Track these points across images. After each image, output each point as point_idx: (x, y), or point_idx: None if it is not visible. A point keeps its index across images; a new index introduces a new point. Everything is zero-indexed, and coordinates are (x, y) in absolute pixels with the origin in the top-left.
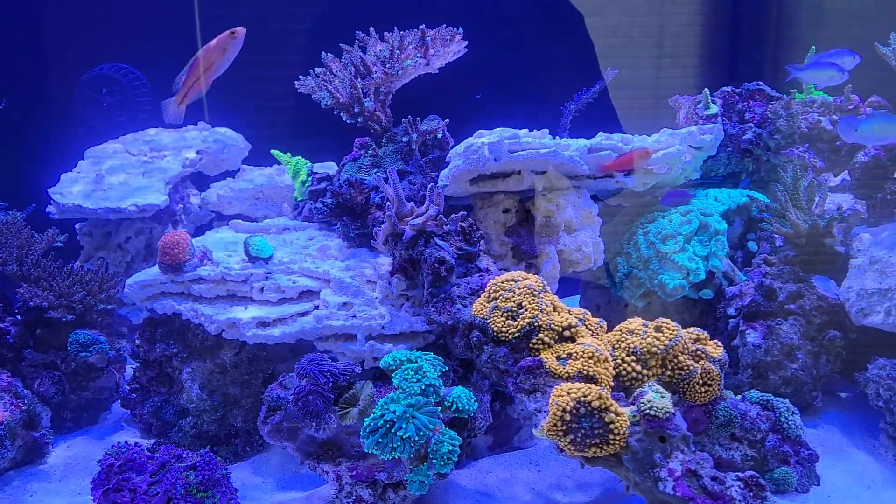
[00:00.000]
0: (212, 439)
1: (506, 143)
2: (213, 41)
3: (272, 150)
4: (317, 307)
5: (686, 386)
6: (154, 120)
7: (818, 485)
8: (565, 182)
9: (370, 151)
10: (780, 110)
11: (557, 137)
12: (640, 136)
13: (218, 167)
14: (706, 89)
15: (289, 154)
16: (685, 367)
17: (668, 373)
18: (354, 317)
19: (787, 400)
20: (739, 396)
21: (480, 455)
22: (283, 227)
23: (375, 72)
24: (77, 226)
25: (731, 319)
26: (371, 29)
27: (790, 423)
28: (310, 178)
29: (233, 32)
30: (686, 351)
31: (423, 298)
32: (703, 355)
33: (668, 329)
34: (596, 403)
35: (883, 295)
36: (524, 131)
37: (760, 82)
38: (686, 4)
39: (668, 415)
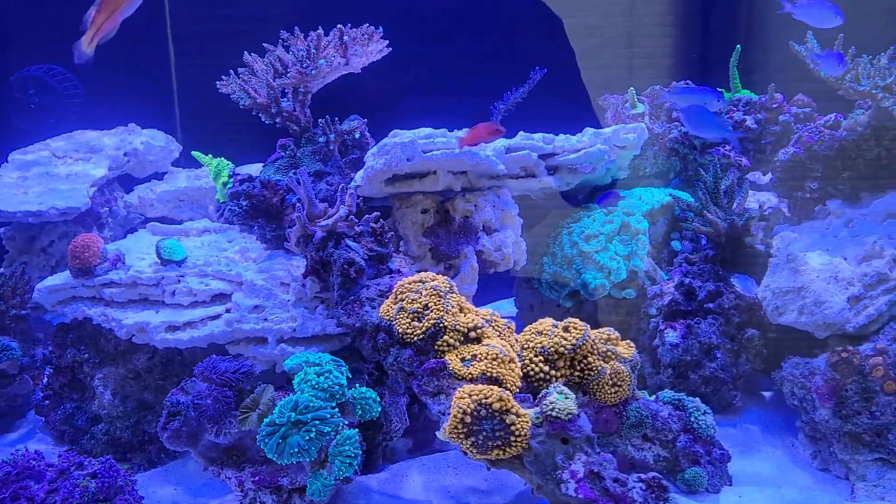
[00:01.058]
0: (125, 446)
1: (420, 143)
2: None
3: (193, 152)
4: (229, 310)
5: (595, 386)
6: (85, 122)
7: (730, 485)
8: (485, 182)
9: (288, 152)
10: None
11: None
12: (565, 136)
13: (145, 169)
14: (632, 88)
15: (210, 155)
16: (594, 368)
17: (578, 373)
18: (266, 320)
19: (698, 399)
20: (653, 396)
21: (400, 458)
22: (204, 229)
23: (291, 71)
24: (1, 230)
25: (653, 319)
26: (296, 28)
27: (701, 422)
28: (231, 180)
29: None
30: (596, 351)
31: (334, 300)
32: (614, 356)
33: (575, 329)
34: (496, 405)
35: (796, 293)
36: (441, 131)
37: (689, 81)
38: (657, 5)
39: (570, 416)
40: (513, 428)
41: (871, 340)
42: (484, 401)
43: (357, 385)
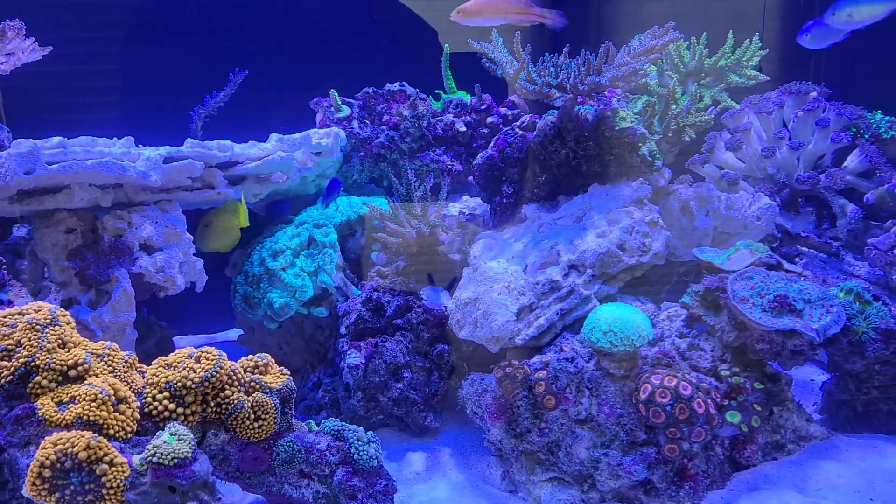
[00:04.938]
0: None
1: (46, 153)
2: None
3: None
4: None
5: (235, 422)
6: None
7: None
8: (148, 196)
9: None
10: (406, 111)
11: (141, 147)
12: (251, 142)
13: None
14: (333, 91)
15: None
16: (232, 402)
17: (214, 409)
18: None
19: (361, 429)
20: (318, 427)
21: None
22: None
23: None
24: None
25: (342, 339)
26: None
27: (361, 453)
28: None
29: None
30: (235, 382)
31: None
32: (258, 386)
33: (206, 359)
34: (84, 455)
35: (473, 305)
36: (86, 139)
37: (404, 83)
38: None
39: (176, 461)
40: (104, 479)
41: (543, 353)
42: (70, 450)
43: None
